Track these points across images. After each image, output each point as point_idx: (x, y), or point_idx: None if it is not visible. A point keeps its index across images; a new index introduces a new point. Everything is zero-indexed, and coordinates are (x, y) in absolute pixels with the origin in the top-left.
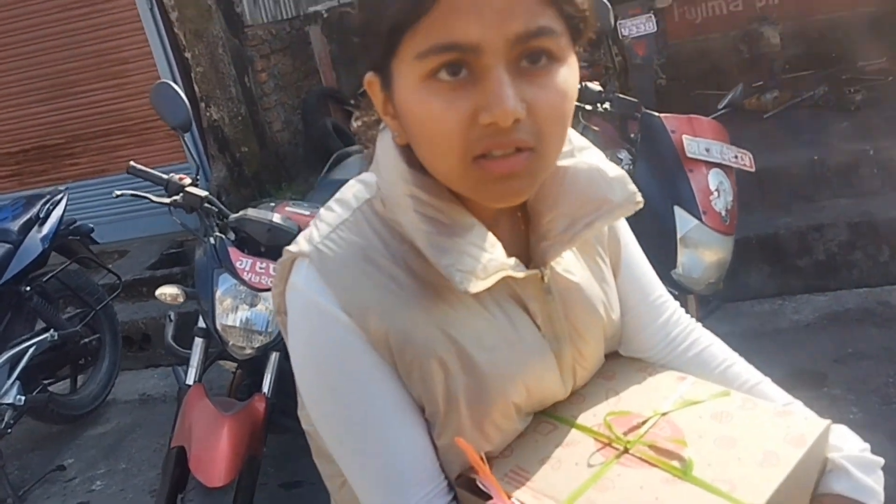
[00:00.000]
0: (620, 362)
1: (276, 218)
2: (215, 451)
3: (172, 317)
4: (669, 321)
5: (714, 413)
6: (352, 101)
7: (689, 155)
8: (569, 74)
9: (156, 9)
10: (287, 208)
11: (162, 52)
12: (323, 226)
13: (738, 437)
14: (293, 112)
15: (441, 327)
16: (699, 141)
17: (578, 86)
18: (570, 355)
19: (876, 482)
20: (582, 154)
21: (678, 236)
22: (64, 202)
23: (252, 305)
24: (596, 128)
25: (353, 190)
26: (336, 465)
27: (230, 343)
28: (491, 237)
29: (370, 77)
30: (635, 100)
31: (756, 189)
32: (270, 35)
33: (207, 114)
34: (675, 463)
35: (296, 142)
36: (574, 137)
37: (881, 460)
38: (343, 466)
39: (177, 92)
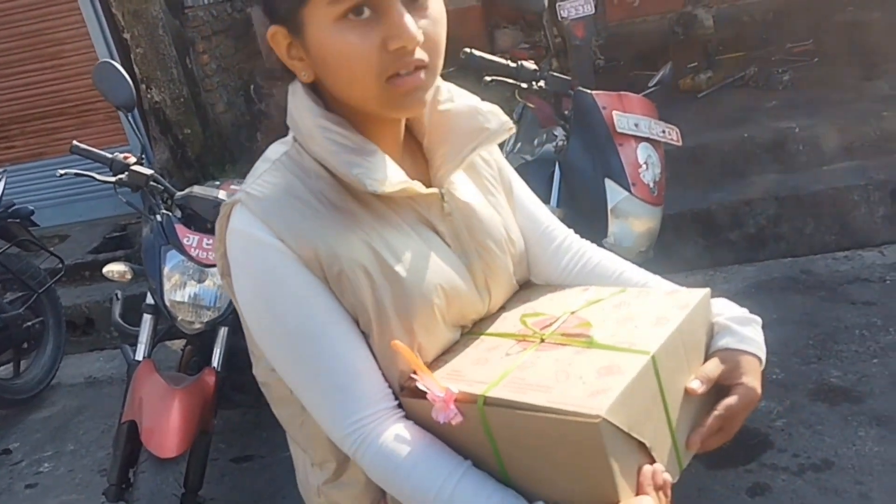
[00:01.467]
0: (534, 289)
1: (223, 195)
2: (167, 422)
3: (119, 295)
4: (562, 245)
5: (614, 304)
6: None
7: (619, 130)
8: (439, 5)
9: None
10: (232, 186)
11: (100, 33)
12: (250, 178)
13: (634, 314)
14: (236, 94)
15: (362, 238)
16: (629, 116)
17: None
18: (480, 269)
19: (757, 335)
20: (460, 98)
21: (609, 207)
22: (2, 184)
23: (200, 281)
24: (532, 105)
25: (272, 149)
26: (293, 406)
27: (179, 318)
28: (391, 161)
29: (273, 29)
30: (569, 78)
31: (690, 165)
32: (212, 16)
33: (149, 95)
34: (583, 339)
35: (239, 123)
36: (450, 87)
37: (759, 318)
38: (297, 391)
39: (119, 71)
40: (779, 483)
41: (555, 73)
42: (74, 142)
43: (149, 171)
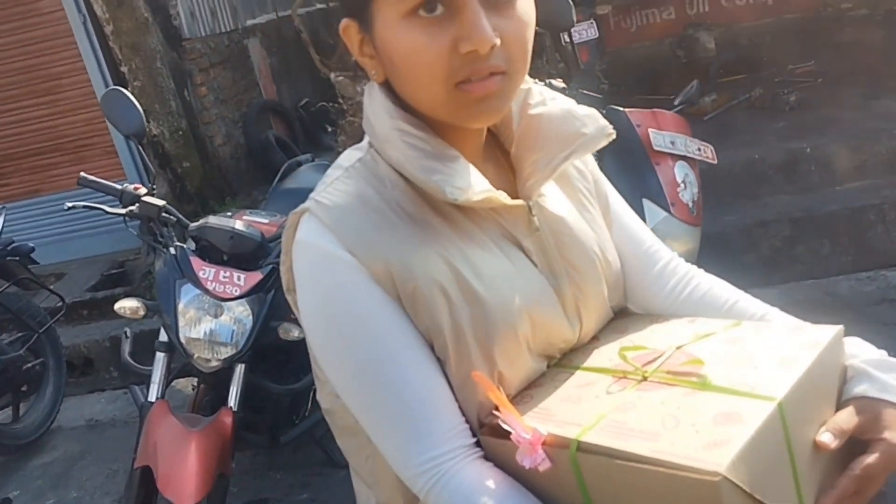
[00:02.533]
0: (632, 318)
1: (239, 225)
2: (184, 468)
3: (128, 333)
4: (667, 268)
5: (728, 339)
6: (295, 113)
7: (656, 148)
8: (527, 6)
9: (89, 22)
10: (245, 217)
11: (96, 67)
12: (321, 186)
13: (753, 352)
14: (234, 126)
15: (441, 255)
16: (664, 134)
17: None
18: (570, 292)
19: None
20: (553, 101)
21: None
22: (1, 221)
23: (216, 316)
24: None
25: (345, 155)
26: (359, 437)
27: (195, 356)
28: (474, 169)
29: (346, 22)
30: (600, 96)
31: (703, 188)
32: (209, 48)
33: (147, 128)
34: (694, 379)
35: (238, 155)
36: (543, 90)
37: None
38: (363, 421)
39: (129, 98)
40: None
41: (585, 92)
42: (82, 174)
43: (161, 203)
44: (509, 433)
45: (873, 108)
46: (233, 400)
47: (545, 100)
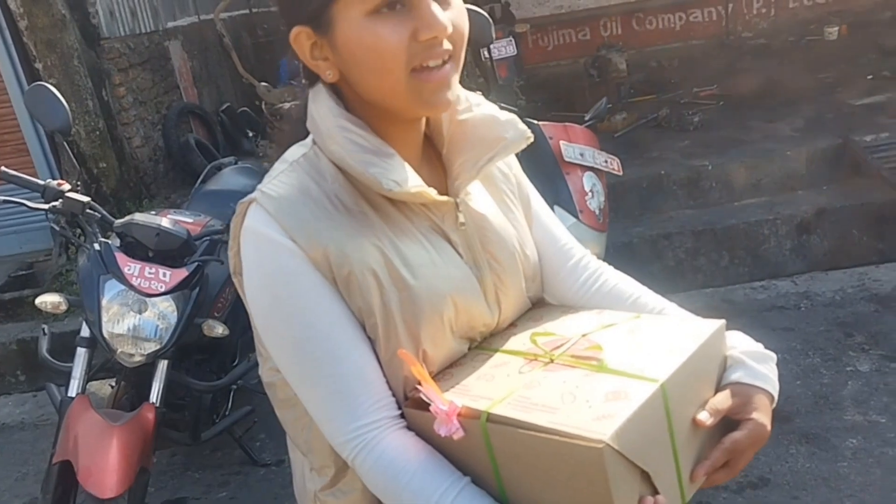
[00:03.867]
0: (547, 308)
1: (165, 222)
2: (105, 461)
3: (46, 330)
4: (580, 264)
5: (628, 330)
6: (216, 117)
7: (566, 159)
8: (462, 4)
9: (1, 17)
10: (170, 215)
11: (9, 63)
12: (267, 178)
13: (647, 340)
14: (153, 128)
15: (374, 244)
16: (574, 146)
17: None
18: (491, 282)
19: (771, 372)
20: (478, 107)
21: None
22: None
23: (140, 312)
24: None
25: (291, 151)
26: (297, 409)
27: (118, 351)
28: (409, 166)
29: (297, 30)
30: (515, 109)
31: (612, 201)
32: (128, 49)
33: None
34: (594, 363)
35: (156, 158)
36: (470, 96)
37: (774, 355)
38: (299, 393)
39: (55, 94)
40: (720, 501)
41: (503, 105)
42: (2, 168)
43: (85, 199)
44: (429, 405)
45: (769, 129)
46: (155, 396)
47: (471, 106)
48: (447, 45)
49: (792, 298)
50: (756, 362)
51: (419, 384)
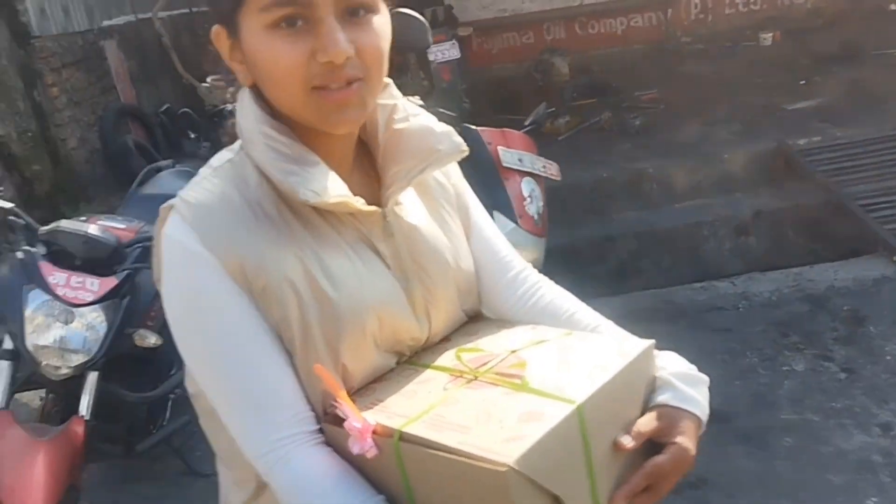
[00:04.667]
0: (483, 322)
1: (93, 229)
2: (30, 479)
3: None
4: (518, 277)
5: (557, 347)
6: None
7: (505, 164)
8: (382, 21)
9: None
10: (100, 221)
11: None
12: (190, 183)
13: (572, 359)
14: (89, 129)
15: (294, 254)
16: (512, 152)
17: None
18: (420, 294)
19: (700, 394)
20: (415, 117)
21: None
22: None
23: (67, 323)
24: None
25: (217, 156)
26: (218, 420)
27: (43, 364)
28: (334, 175)
29: (217, 29)
30: (454, 114)
31: (555, 204)
32: (61, 48)
33: None
34: (517, 381)
35: (93, 160)
36: (408, 106)
37: (706, 378)
38: (216, 406)
39: None
40: (658, 502)
41: (442, 110)
42: None
43: (9, 205)
44: (344, 421)
45: (707, 133)
46: (84, 409)
47: (408, 115)
48: (352, 69)
49: (731, 299)
50: (685, 385)
51: (336, 400)
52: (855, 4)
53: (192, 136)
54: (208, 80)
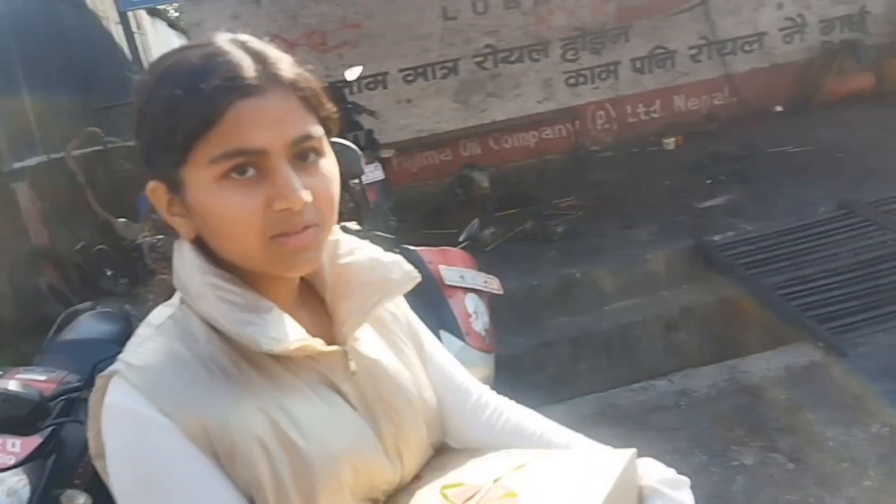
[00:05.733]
0: (451, 453)
1: (12, 385)
2: None
3: None
4: (480, 402)
5: (539, 469)
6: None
7: (447, 282)
8: (331, 164)
9: None
10: (19, 375)
11: None
12: (130, 347)
13: (561, 481)
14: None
15: (258, 408)
16: (454, 269)
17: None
18: (390, 433)
19: (687, 498)
20: (360, 250)
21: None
22: None
23: None
24: None
25: (155, 313)
26: None
27: None
28: (289, 318)
29: (153, 185)
30: (392, 236)
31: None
32: None
33: None
34: None
35: (4, 307)
36: (348, 240)
37: (687, 480)
38: None
39: None
40: None
41: (378, 233)
42: None
43: None
44: None
45: (627, 235)
46: None
47: (353, 249)
48: (308, 215)
49: (671, 397)
50: (672, 490)
51: None
52: (744, 108)
53: (109, 273)
54: (117, 221)
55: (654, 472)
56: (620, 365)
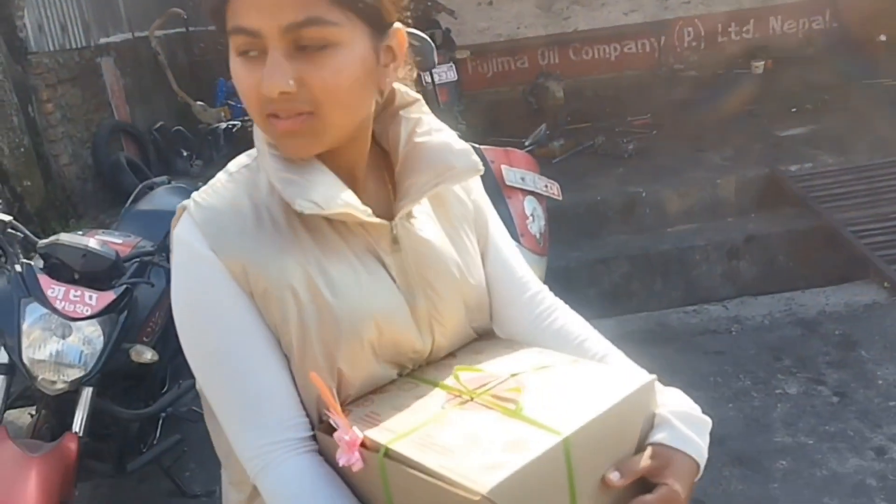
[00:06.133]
0: (492, 341)
1: (93, 243)
2: (23, 495)
3: None
4: (535, 298)
5: (559, 374)
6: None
7: (508, 183)
8: (346, 56)
9: None
10: (98, 236)
11: None
12: (205, 187)
13: (571, 388)
14: (82, 146)
15: (296, 260)
16: (515, 171)
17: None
18: (424, 308)
19: (699, 436)
20: (438, 133)
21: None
22: None
23: (64, 337)
24: None
25: (234, 162)
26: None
27: (39, 378)
28: (339, 183)
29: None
30: (457, 133)
31: (550, 225)
32: (57, 64)
33: None
34: (511, 406)
35: (85, 177)
36: (431, 121)
37: (708, 420)
38: (213, 406)
39: None
40: None
41: None
42: None
43: (7, 217)
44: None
45: (699, 158)
46: (78, 425)
47: (431, 130)
48: (298, 102)
49: (723, 322)
50: (684, 425)
51: (328, 409)
52: (844, 35)
53: (185, 153)
54: (195, 103)
55: (674, 404)
56: (675, 288)
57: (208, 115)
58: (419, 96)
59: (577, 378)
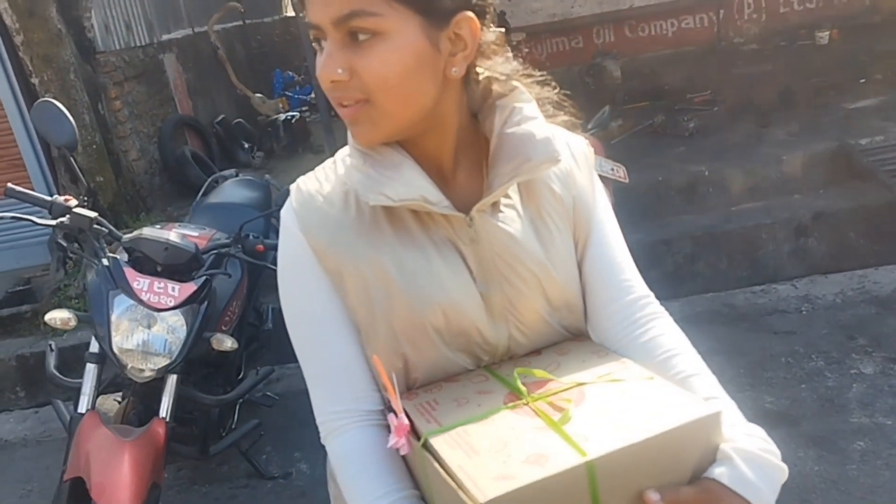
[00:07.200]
0: (581, 345)
1: (173, 237)
2: (118, 477)
3: (53, 346)
4: (634, 304)
5: (625, 390)
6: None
7: None
8: (393, 45)
9: None
10: (176, 229)
11: (4, 78)
12: (310, 172)
13: (629, 407)
14: (149, 140)
15: (372, 246)
16: None
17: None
18: (499, 301)
19: (763, 481)
20: (529, 123)
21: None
22: None
23: (149, 327)
24: None
25: (343, 150)
26: None
27: (128, 366)
28: (420, 174)
29: None
30: None
31: (614, 208)
32: (124, 62)
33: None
34: (556, 417)
35: (152, 171)
36: (528, 111)
37: (783, 467)
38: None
39: (61, 110)
40: None
41: None
42: (9, 184)
43: (92, 214)
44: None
45: (763, 135)
46: (165, 411)
47: (523, 120)
48: (352, 91)
49: (793, 302)
50: (746, 465)
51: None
52: None
53: (246, 145)
54: (254, 95)
55: (744, 442)
56: (742, 267)
57: (267, 107)
58: (517, 85)
59: (641, 397)
